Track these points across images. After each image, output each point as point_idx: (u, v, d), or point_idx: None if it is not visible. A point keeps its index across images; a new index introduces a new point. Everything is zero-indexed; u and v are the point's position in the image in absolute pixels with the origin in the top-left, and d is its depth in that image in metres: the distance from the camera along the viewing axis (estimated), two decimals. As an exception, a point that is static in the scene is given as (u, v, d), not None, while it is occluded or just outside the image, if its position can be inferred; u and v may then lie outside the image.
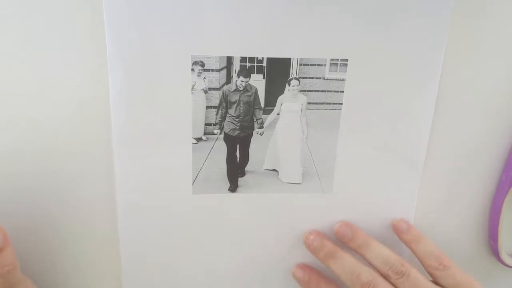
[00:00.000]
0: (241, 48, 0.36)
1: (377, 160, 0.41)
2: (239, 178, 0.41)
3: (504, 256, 0.47)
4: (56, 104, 0.39)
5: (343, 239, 0.42)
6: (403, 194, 0.43)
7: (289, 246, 0.44)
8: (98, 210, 0.42)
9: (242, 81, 0.38)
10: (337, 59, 0.37)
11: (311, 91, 0.38)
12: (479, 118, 0.42)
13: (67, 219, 0.42)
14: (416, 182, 0.43)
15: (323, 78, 0.38)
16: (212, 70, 0.37)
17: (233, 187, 0.41)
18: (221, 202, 0.42)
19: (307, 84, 0.38)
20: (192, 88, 0.38)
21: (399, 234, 0.43)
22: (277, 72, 0.38)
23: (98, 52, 0.37)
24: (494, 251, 0.47)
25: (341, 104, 0.39)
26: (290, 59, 0.37)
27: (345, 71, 0.38)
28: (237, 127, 0.40)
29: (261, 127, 0.40)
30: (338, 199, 0.43)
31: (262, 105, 0.39)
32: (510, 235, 0.47)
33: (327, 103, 0.38)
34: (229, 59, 0.37)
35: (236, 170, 0.41)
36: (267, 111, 0.39)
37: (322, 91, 0.38)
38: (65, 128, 0.39)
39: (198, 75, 0.37)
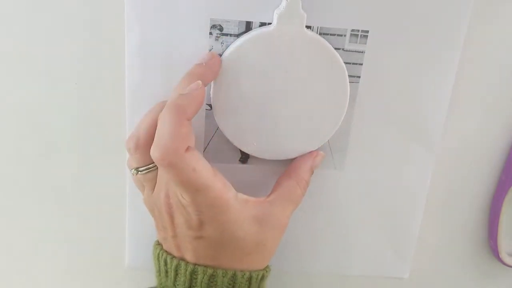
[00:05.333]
0: (261, 13, 0.36)
1: (392, 138, 0.41)
2: (251, 149, 0.41)
3: (504, 256, 0.47)
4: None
5: None
6: (417, 175, 0.43)
7: (297, 220, 0.43)
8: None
9: (260, 48, 0.37)
10: (358, 30, 0.37)
11: (330, 62, 0.38)
12: (478, 118, 0.42)
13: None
14: (430, 162, 0.42)
15: (343, 49, 0.37)
16: (230, 35, 0.37)
17: (244, 158, 0.41)
18: (231, 173, 0.40)
19: (325, 54, 0.37)
20: (209, 53, 0.37)
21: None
22: (296, 40, 0.37)
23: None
24: (494, 251, 0.47)
25: (359, 77, 0.38)
26: (310, 27, 0.36)
27: (365, 43, 0.37)
28: (252, 96, 0.39)
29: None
30: (349, 176, 0.42)
31: (280, 74, 0.38)
32: (510, 235, 0.47)
33: (344, 76, 0.38)
34: (248, 24, 0.36)
35: (248, 140, 0.41)
36: (284, 81, 0.39)
37: (340, 62, 0.37)
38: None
39: (216, 40, 0.37)
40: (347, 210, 0.44)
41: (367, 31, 0.37)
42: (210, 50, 0.37)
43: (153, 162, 0.35)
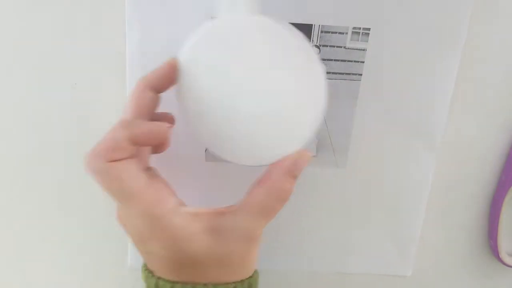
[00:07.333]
0: (262, 11, 0.36)
1: (394, 136, 0.41)
2: (253, 148, 0.40)
3: (504, 256, 0.47)
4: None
5: None
6: (419, 173, 0.43)
7: (298, 219, 0.43)
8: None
9: (262, 46, 0.37)
10: (359, 28, 0.37)
11: (331, 60, 0.38)
12: (478, 118, 0.42)
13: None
14: (432, 160, 0.42)
15: (344, 47, 0.37)
16: (231, 34, 0.36)
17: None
18: (233, 172, 0.41)
19: (327, 52, 0.38)
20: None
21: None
22: (298, 39, 0.37)
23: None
24: (494, 251, 0.47)
25: (361, 75, 0.38)
26: (311, 25, 0.36)
27: (367, 41, 0.37)
28: (254, 95, 0.39)
29: (278, 96, 0.39)
30: (351, 174, 0.42)
31: (280, 72, 0.38)
32: (510, 235, 0.47)
33: (346, 73, 0.38)
34: (249, 23, 0.36)
35: (250, 139, 0.40)
36: (285, 80, 0.39)
37: (342, 60, 0.37)
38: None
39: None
40: (349, 208, 0.44)
41: (369, 29, 0.37)
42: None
43: None
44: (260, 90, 0.31)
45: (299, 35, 0.31)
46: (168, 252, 0.31)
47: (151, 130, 0.31)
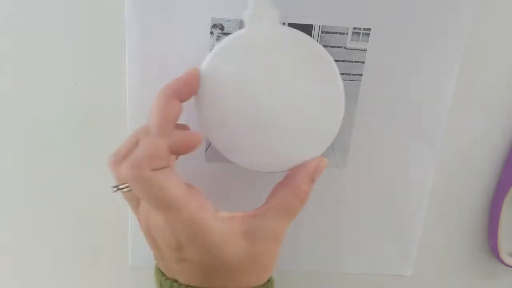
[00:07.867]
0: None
1: (394, 136, 0.41)
2: (253, 149, 0.41)
3: (504, 256, 0.47)
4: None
5: None
6: (419, 173, 0.43)
7: (298, 219, 0.43)
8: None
9: (262, 47, 0.38)
10: (360, 28, 0.37)
11: (331, 60, 0.38)
12: (478, 118, 0.42)
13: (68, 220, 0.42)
14: (433, 160, 0.42)
15: (345, 47, 0.37)
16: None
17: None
18: (233, 172, 0.41)
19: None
20: (210, 52, 0.36)
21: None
22: (298, 39, 0.37)
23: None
24: (494, 251, 0.47)
25: (361, 75, 0.38)
26: (311, 25, 0.36)
27: (367, 41, 0.37)
28: (254, 95, 0.39)
29: (278, 96, 0.40)
30: (351, 175, 0.42)
31: (281, 73, 0.38)
32: (510, 234, 0.47)
33: (346, 74, 0.38)
34: (250, 23, 0.36)
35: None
36: (285, 80, 0.39)
37: (342, 61, 0.37)
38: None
39: (217, 39, 0.37)
40: (350, 209, 0.44)
41: (369, 29, 0.37)
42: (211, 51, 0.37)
43: None
44: (284, 101, 0.33)
45: (320, 47, 0.33)
46: (204, 258, 0.32)
47: (186, 139, 0.31)
